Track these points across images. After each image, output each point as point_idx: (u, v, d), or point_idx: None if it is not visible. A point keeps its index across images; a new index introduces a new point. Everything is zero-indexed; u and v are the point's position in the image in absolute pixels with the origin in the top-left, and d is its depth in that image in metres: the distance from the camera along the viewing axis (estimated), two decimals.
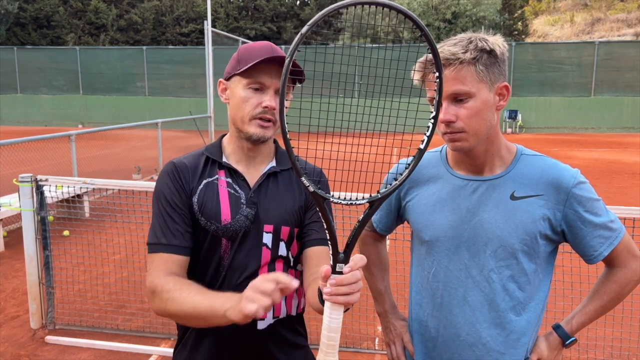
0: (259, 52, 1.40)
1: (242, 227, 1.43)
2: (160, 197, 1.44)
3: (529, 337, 1.45)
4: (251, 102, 1.41)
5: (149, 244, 1.43)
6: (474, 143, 1.37)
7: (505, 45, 1.38)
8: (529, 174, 1.40)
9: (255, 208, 1.45)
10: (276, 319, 1.48)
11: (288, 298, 1.51)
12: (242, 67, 1.40)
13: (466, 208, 1.43)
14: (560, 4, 38.03)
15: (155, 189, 1.48)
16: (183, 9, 34.81)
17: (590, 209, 1.37)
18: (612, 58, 20.55)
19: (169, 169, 1.49)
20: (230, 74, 1.46)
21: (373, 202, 1.15)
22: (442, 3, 27.01)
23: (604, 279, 1.49)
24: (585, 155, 13.83)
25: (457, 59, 1.32)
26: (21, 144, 6.60)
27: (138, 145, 12.31)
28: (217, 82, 1.54)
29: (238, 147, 1.50)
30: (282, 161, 1.55)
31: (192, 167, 1.49)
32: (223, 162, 1.49)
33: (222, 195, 1.46)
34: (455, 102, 1.35)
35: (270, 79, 1.40)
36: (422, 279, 1.52)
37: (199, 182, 1.47)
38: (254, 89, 1.41)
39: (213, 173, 1.49)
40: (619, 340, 3.26)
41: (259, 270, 1.44)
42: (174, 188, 1.45)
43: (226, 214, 1.44)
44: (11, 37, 32.57)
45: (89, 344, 3.65)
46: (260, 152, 1.51)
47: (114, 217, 3.98)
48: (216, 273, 1.45)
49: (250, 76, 1.40)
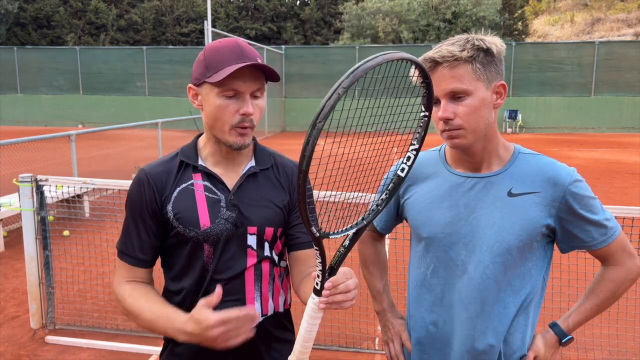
0: (228, 57, 1.32)
1: (224, 230, 1.41)
2: (129, 206, 1.46)
3: (523, 332, 1.46)
4: (228, 111, 1.34)
5: (117, 248, 1.48)
6: (472, 140, 1.39)
7: (502, 45, 1.39)
8: (526, 172, 1.42)
9: (236, 210, 1.42)
10: (264, 316, 1.48)
11: (275, 295, 1.51)
12: (212, 74, 1.32)
13: (464, 205, 1.44)
14: (560, 4, 38.04)
15: (127, 195, 1.47)
16: (183, 9, 34.81)
17: (585, 206, 1.39)
18: (612, 58, 20.56)
19: (140, 178, 1.45)
20: (200, 80, 1.37)
21: (359, 231, 1.18)
22: (442, 3, 27.02)
23: (600, 277, 1.50)
24: (585, 155, 13.84)
25: (454, 58, 1.33)
26: (21, 144, 6.60)
27: (138, 145, 12.31)
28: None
29: (216, 150, 1.46)
30: (261, 160, 1.51)
31: (165, 173, 1.45)
32: (199, 166, 1.45)
33: (199, 200, 1.42)
34: (453, 100, 1.37)
35: (245, 85, 1.33)
36: (420, 276, 1.53)
37: (173, 189, 1.43)
38: (227, 96, 1.34)
39: (187, 178, 1.44)
40: (616, 337, 3.27)
41: (246, 272, 1.44)
42: (142, 199, 1.43)
43: (205, 219, 1.41)
44: (11, 37, 32.59)
45: (89, 344, 3.66)
46: (239, 154, 1.47)
47: (114, 217, 3.98)
48: (201, 277, 1.44)
49: (222, 84, 1.32)
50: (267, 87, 1.44)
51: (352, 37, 29.18)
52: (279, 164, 1.54)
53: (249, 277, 1.45)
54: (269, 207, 1.47)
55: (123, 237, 1.47)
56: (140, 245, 1.44)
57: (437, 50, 1.36)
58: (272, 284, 1.50)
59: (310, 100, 22.33)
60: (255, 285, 1.46)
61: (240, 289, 1.44)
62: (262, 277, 1.47)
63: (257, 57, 1.36)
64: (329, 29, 35.40)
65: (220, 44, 1.37)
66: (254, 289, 1.46)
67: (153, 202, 1.43)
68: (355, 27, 29.18)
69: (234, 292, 1.43)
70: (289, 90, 22.60)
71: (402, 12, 27.17)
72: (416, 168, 1.55)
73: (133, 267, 1.45)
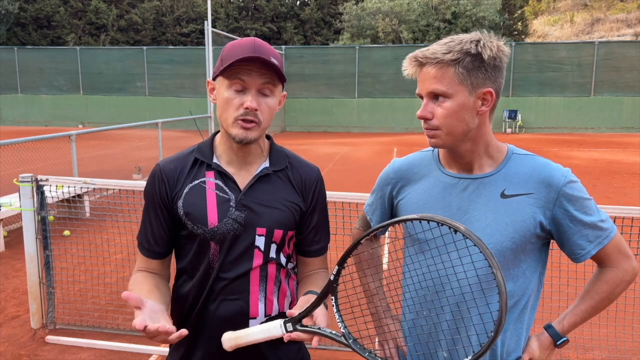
0: (240, 50, 1.36)
1: (231, 230, 1.42)
2: (145, 199, 1.51)
3: (518, 333, 1.45)
4: (233, 104, 1.37)
5: (137, 238, 1.54)
6: (449, 142, 1.39)
7: (502, 50, 1.35)
8: (520, 173, 1.41)
9: (245, 211, 1.43)
10: (268, 317, 1.48)
11: (280, 297, 1.51)
12: (224, 66, 1.37)
13: (457, 206, 1.43)
14: (560, 4, 38.04)
15: (144, 189, 1.53)
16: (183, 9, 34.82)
17: (580, 207, 1.37)
18: (612, 58, 20.56)
19: (155, 172, 1.50)
20: (215, 73, 1.42)
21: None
22: (442, 3, 27.01)
23: (595, 279, 1.48)
24: (585, 155, 13.84)
25: (437, 60, 1.33)
26: (21, 144, 6.61)
27: (138, 145, 12.31)
28: None
29: (228, 148, 1.47)
30: (275, 161, 1.52)
31: (178, 169, 1.48)
32: (213, 164, 1.47)
33: (209, 198, 1.44)
34: (434, 100, 1.37)
35: (251, 79, 1.36)
36: (413, 278, 1.52)
37: (185, 186, 1.46)
38: (236, 90, 1.37)
39: (200, 175, 1.46)
40: (615, 337, 3.27)
41: (251, 272, 1.45)
42: (157, 193, 1.47)
43: (213, 217, 1.42)
44: (12, 37, 32.60)
45: (90, 343, 3.66)
46: (250, 152, 1.47)
47: (114, 217, 3.99)
48: (206, 275, 1.45)
49: (231, 76, 1.36)
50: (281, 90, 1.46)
51: (352, 37, 29.18)
52: (294, 165, 1.55)
53: (254, 277, 1.45)
54: (280, 209, 1.46)
55: (141, 229, 1.53)
56: (154, 238, 1.49)
57: (426, 49, 1.36)
58: (278, 286, 1.51)
59: (310, 100, 22.34)
60: (260, 286, 1.46)
61: (245, 288, 1.45)
62: (268, 278, 1.48)
63: (272, 56, 1.38)
64: (329, 29, 35.40)
65: (240, 41, 1.41)
66: (258, 290, 1.46)
67: (164, 197, 1.46)
68: (355, 27, 29.18)
69: (238, 292, 1.44)
70: (289, 91, 22.57)
71: (402, 12, 27.17)
72: (410, 168, 1.55)
73: (147, 258, 1.51)
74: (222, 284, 1.44)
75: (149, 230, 1.49)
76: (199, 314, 1.48)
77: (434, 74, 1.34)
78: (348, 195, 3.26)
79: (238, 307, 1.45)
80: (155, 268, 1.52)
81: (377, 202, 1.63)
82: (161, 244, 1.50)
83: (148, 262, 1.51)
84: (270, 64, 1.35)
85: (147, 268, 1.51)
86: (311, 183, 1.54)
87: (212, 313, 1.46)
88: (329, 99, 22.56)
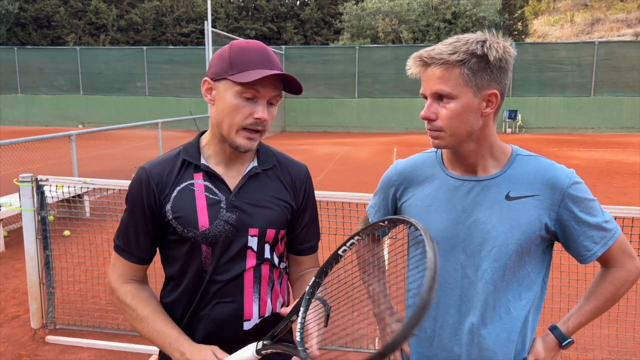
0: (255, 60, 1.33)
1: (223, 232, 1.40)
2: (128, 203, 1.45)
3: (523, 335, 1.45)
4: (243, 112, 1.34)
5: (114, 241, 1.49)
6: (452, 143, 1.38)
7: (508, 52, 1.33)
8: (524, 174, 1.40)
9: (236, 212, 1.41)
10: (262, 318, 1.47)
11: (273, 297, 1.50)
12: (236, 72, 1.32)
13: (462, 208, 1.42)
14: (560, 4, 38.05)
15: (127, 190, 1.47)
16: (183, 9, 34.83)
17: (585, 208, 1.37)
18: (612, 58, 20.56)
19: (140, 175, 1.44)
20: (220, 75, 1.35)
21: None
22: (442, 3, 27.01)
23: (599, 279, 1.48)
24: (585, 155, 13.84)
25: (442, 61, 1.31)
26: (21, 144, 6.60)
27: (138, 145, 12.30)
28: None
29: (219, 150, 1.44)
30: (263, 160, 1.50)
31: (166, 172, 1.43)
32: (201, 165, 1.43)
33: (198, 200, 1.41)
34: (438, 100, 1.35)
35: (266, 90, 1.33)
36: (418, 280, 1.51)
37: (173, 189, 1.42)
38: (246, 97, 1.33)
39: (188, 177, 1.43)
40: (615, 338, 3.27)
41: (245, 274, 1.43)
42: (141, 198, 1.42)
43: (204, 220, 1.39)
44: (12, 37, 32.60)
45: (90, 343, 3.66)
46: (242, 154, 1.45)
47: (114, 217, 3.99)
48: (199, 278, 1.43)
49: (245, 85, 1.31)
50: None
51: (352, 37, 29.18)
52: (282, 163, 1.53)
53: (248, 279, 1.44)
54: (271, 208, 1.45)
55: (121, 233, 1.47)
56: (137, 243, 1.44)
57: (431, 49, 1.34)
58: (271, 286, 1.50)
59: (310, 100, 22.34)
60: (254, 287, 1.45)
61: (239, 290, 1.43)
62: (261, 279, 1.46)
63: (281, 66, 1.38)
64: (329, 29, 35.41)
65: (248, 44, 1.37)
66: (252, 291, 1.45)
67: (152, 201, 1.41)
68: (355, 27, 29.18)
69: (232, 294, 1.43)
70: None
71: (402, 12, 27.16)
72: (413, 170, 1.54)
73: (132, 263, 1.46)
74: (216, 287, 1.42)
75: (132, 235, 1.44)
76: (193, 318, 1.46)
77: (439, 74, 1.32)
78: (348, 195, 3.26)
79: (232, 310, 1.43)
80: (140, 275, 1.49)
81: (380, 204, 1.63)
82: (147, 250, 1.46)
83: (132, 267, 1.46)
84: (288, 78, 1.35)
85: (132, 275, 1.47)
86: (301, 181, 1.54)
87: (207, 316, 1.44)
88: (329, 99, 22.56)
